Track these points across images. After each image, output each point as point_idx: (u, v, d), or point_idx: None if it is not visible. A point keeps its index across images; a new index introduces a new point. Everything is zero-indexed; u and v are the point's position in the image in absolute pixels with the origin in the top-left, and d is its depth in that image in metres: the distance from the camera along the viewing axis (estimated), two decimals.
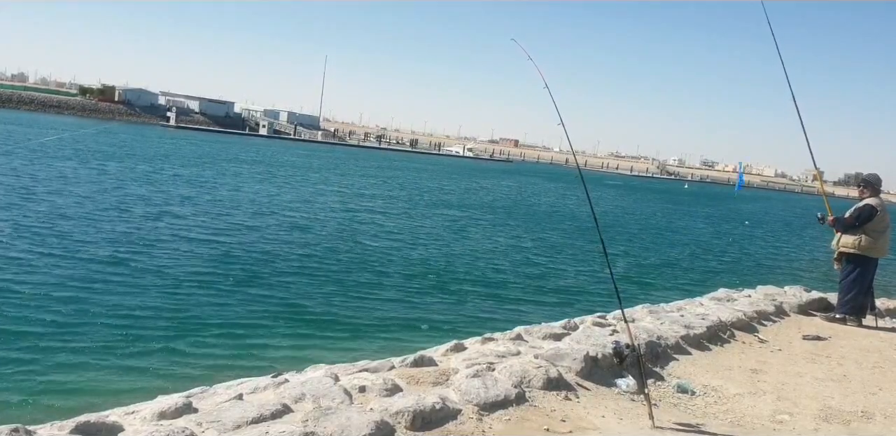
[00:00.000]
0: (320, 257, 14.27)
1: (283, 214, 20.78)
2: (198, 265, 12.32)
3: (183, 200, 21.42)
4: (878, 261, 7.71)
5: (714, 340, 6.05)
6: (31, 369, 7.07)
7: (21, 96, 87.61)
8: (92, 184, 22.71)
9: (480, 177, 58.83)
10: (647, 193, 62.77)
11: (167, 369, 7.46)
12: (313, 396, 3.53)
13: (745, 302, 7.71)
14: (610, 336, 5.28)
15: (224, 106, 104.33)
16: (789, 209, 63.81)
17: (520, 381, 4.12)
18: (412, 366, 4.27)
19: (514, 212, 30.13)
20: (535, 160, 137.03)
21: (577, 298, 13.08)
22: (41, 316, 8.64)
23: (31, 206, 16.77)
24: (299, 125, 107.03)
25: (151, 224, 16.13)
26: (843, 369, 5.69)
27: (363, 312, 10.46)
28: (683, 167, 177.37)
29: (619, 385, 4.51)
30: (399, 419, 3.37)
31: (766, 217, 47.61)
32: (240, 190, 26.44)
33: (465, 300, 11.88)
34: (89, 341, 7.97)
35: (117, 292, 10.07)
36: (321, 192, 29.63)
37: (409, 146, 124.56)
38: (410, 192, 34.79)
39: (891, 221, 7.54)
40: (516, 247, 19.01)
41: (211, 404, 3.43)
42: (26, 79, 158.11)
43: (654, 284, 15.62)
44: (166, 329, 8.69)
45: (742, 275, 18.33)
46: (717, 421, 4.22)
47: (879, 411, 4.68)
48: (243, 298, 10.53)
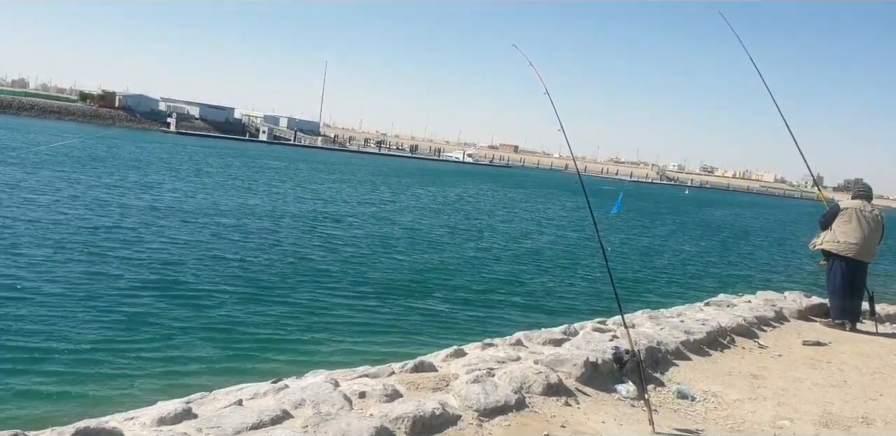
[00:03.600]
0: (321, 263, 14.27)
1: (282, 220, 20.79)
2: (197, 271, 12.31)
3: (184, 204, 21.43)
4: (866, 266, 7.81)
5: (714, 345, 6.05)
6: (30, 374, 7.06)
7: (21, 102, 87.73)
8: (93, 188, 22.73)
9: (479, 182, 58.88)
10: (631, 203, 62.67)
11: (167, 374, 7.45)
12: (313, 401, 3.53)
13: (745, 307, 7.71)
14: (610, 342, 5.28)
15: (224, 112, 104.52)
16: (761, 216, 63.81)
17: (520, 386, 4.11)
18: (412, 371, 4.26)
19: (513, 219, 30.14)
20: (535, 165, 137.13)
21: (577, 304, 13.07)
22: (40, 321, 8.63)
23: (33, 207, 16.78)
24: (299, 131, 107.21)
25: (150, 229, 16.13)
26: (843, 375, 5.69)
27: (363, 317, 10.45)
28: (683, 173, 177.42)
29: (619, 391, 4.50)
30: (399, 425, 3.36)
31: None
32: (236, 195, 26.46)
33: (465, 306, 11.88)
34: (89, 347, 7.95)
35: (116, 298, 10.06)
36: (319, 198, 29.64)
37: (409, 152, 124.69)
38: (407, 197, 34.80)
39: (874, 227, 7.67)
40: (516, 253, 19.01)
41: (211, 409, 3.43)
42: (27, 84, 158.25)
43: (654, 289, 15.62)
44: (166, 335, 8.68)
45: (742, 280, 18.32)
46: (718, 427, 4.22)
47: (880, 417, 4.67)
48: (243, 303, 10.52)
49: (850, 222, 7.64)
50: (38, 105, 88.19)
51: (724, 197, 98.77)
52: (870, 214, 7.66)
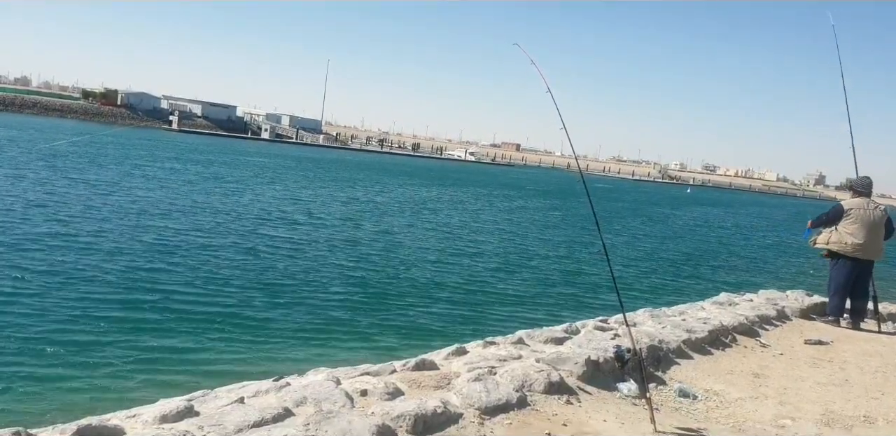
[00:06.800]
0: (323, 261, 14.27)
1: (286, 218, 20.79)
2: (200, 269, 12.32)
3: (186, 204, 21.44)
4: (872, 265, 7.78)
5: (716, 344, 6.04)
6: (32, 372, 7.07)
7: (24, 100, 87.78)
8: (93, 187, 22.75)
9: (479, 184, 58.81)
10: (622, 202, 62.59)
11: (169, 372, 7.46)
12: (315, 399, 3.53)
13: (747, 306, 7.70)
14: (612, 340, 5.27)
15: (226, 110, 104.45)
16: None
17: (521, 385, 4.11)
18: (414, 370, 4.26)
19: (514, 217, 30.12)
20: (537, 164, 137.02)
21: (579, 302, 13.07)
22: (42, 319, 8.64)
23: (35, 208, 16.79)
24: (301, 129, 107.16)
25: (153, 227, 16.14)
26: (845, 374, 5.68)
27: (365, 315, 10.46)
28: (685, 171, 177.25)
29: (620, 389, 4.50)
30: (400, 423, 3.36)
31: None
32: (238, 195, 26.47)
33: (466, 304, 11.88)
34: (91, 345, 7.97)
35: (118, 296, 10.07)
36: (318, 197, 29.64)
37: (411, 150, 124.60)
38: (406, 197, 34.79)
39: (879, 223, 7.62)
40: (517, 251, 19.00)
41: (212, 407, 3.43)
42: (29, 82, 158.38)
43: (655, 288, 15.61)
44: (168, 332, 8.69)
45: (744, 279, 18.31)
46: (719, 426, 4.22)
47: (882, 416, 4.67)
48: (245, 301, 10.53)
49: (856, 223, 7.56)
50: (41, 103, 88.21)
51: (726, 196, 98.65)
52: (874, 212, 7.62)
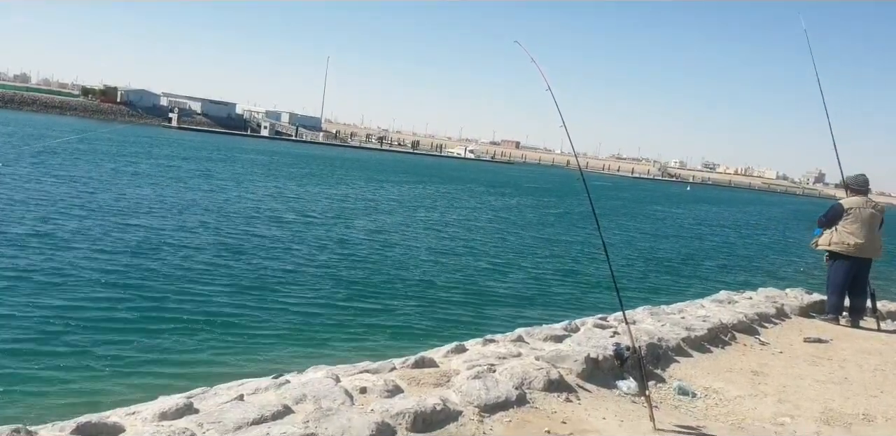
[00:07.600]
0: (323, 259, 14.27)
1: (286, 217, 20.79)
2: (199, 267, 12.32)
3: (186, 203, 21.43)
4: (870, 263, 7.79)
5: (715, 342, 6.04)
6: (32, 369, 7.08)
7: (23, 97, 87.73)
8: (94, 184, 22.74)
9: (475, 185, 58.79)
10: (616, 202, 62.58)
11: (168, 369, 7.47)
12: (314, 397, 3.53)
13: (747, 304, 7.70)
14: (611, 338, 5.27)
15: (226, 107, 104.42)
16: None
17: (521, 382, 4.11)
18: (413, 367, 4.26)
19: (514, 215, 30.12)
20: (537, 162, 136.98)
21: (578, 300, 13.08)
22: (42, 316, 8.64)
23: (36, 207, 16.78)
24: (301, 126, 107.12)
25: (153, 225, 16.14)
26: (844, 372, 5.68)
27: (364, 313, 10.47)
28: (685, 169, 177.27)
29: (619, 387, 4.50)
30: (400, 420, 3.36)
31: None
32: (238, 193, 26.45)
33: (465, 302, 11.88)
34: (90, 342, 7.97)
35: (118, 293, 10.07)
36: (318, 195, 29.64)
37: (411, 148, 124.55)
38: (406, 195, 34.79)
39: (877, 222, 7.64)
40: (517, 249, 19.00)
41: (212, 404, 3.43)
42: (29, 79, 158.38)
43: (655, 286, 15.62)
44: (167, 330, 8.70)
45: (743, 277, 18.32)
46: (718, 423, 4.22)
47: (881, 414, 4.67)
48: (245, 299, 10.54)
49: (855, 222, 7.57)
50: (40, 100, 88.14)
51: (726, 194, 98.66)
52: (872, 210, 7.64)
